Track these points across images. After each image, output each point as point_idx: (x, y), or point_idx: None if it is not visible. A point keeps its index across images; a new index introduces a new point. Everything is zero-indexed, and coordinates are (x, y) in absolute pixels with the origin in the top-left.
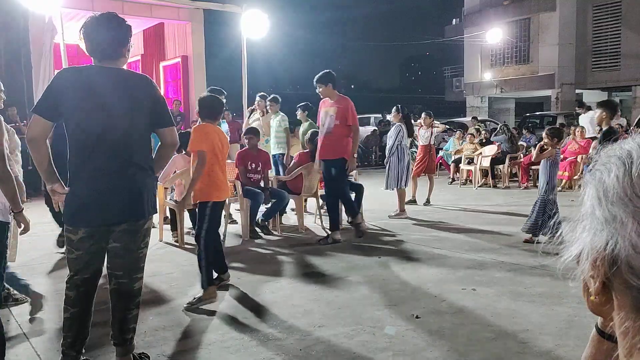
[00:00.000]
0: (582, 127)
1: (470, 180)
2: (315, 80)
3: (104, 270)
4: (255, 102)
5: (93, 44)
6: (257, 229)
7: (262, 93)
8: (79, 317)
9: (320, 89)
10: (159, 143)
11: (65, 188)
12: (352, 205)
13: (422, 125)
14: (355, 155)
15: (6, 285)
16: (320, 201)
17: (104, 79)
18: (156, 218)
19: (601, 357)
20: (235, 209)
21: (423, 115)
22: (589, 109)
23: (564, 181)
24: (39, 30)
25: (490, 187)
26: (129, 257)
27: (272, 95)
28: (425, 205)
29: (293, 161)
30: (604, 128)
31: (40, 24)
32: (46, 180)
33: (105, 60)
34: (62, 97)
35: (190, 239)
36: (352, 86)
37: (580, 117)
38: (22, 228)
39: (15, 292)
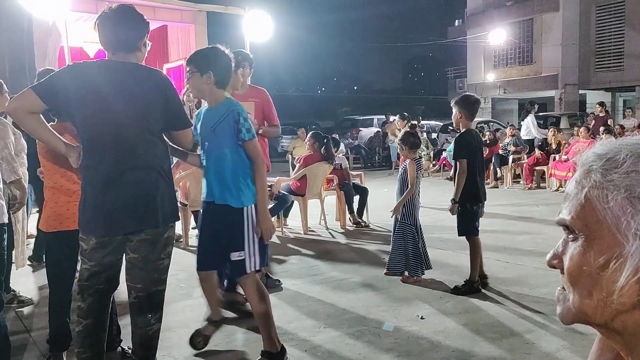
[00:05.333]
0: (586, 128)
1: None
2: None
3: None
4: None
5: (107, 35)
6: None
7: None
8: (93, 330)
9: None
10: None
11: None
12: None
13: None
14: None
15: (11, 287)
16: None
17: (116, 74)
18: None
19: (608, 351)
20: None
21: (397, 117)
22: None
23: (567, 182)
24: (43, 33)
25: (494, 187)
26: (148, 269)
27: None
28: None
29: (297, 163)
30: (462, 131)
31: (44, 27)
32: (55, 149)
33: (119, 52)
34: (69, 91)
35: (194, 241)
36: (355, 87)
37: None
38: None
39: (21, 293)
